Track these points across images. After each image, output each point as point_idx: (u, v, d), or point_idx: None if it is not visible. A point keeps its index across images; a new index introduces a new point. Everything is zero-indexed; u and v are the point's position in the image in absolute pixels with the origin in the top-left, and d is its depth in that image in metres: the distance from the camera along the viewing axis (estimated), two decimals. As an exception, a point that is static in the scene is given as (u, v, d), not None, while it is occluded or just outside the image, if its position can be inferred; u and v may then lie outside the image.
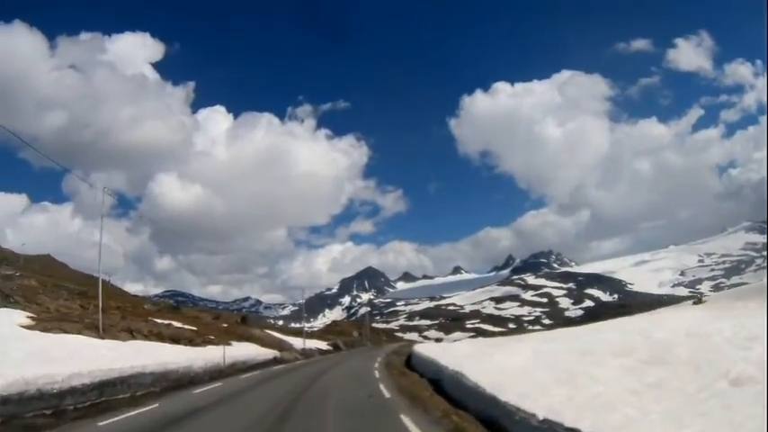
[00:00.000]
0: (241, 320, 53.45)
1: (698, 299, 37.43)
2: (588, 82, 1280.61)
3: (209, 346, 25.98)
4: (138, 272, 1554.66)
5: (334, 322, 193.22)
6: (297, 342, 54.11)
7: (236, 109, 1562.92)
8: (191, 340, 26.99)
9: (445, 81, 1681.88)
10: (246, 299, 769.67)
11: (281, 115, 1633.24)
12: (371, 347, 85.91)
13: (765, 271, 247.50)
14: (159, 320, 35.59)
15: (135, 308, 43.79)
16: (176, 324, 35.65)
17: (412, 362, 29.67)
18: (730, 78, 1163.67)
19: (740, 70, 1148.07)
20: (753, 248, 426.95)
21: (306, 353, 47.34)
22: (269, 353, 34.28)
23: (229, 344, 32.31)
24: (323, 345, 70.40)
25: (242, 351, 29.82)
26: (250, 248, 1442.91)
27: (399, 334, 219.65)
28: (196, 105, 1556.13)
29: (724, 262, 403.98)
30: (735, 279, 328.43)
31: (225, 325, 45.95)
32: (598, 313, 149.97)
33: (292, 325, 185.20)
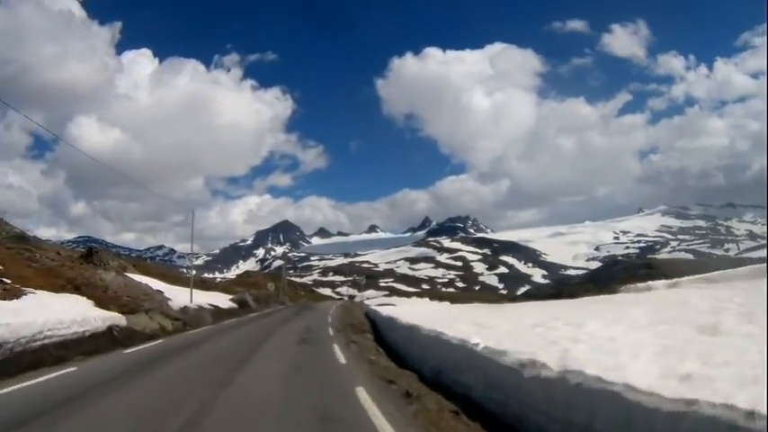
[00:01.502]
0: (85, 256, 33.90)
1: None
2: (520, 56, 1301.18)
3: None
4: (52, 216, 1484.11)
5: (247, 272, 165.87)
6: (183, 295, 36.08)
7: (162, 53, 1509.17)
8: None
9: (376, 41, 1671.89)
10: (160, 247, 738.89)
11: (207, 63, 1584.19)
12: (293, 307, 64.30)
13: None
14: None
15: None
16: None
17: (414, 357, 14.46)
18: (662, 68, 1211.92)
19: (672, 62, 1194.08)
20: (668, 231, 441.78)
21: (187, 316, 29.29)
22: (97, 318, 17.56)
23: (20, 295, 17.31)
24: (224, 299, 50.51)
25: (23, 316, 14.39)
26: (166, 196, 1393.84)
27: (317, 289, 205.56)
28: (121, 47, 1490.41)
29: (639, 241, 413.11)
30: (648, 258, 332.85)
31: (69, 264, 29.56)
32: (610, 274, 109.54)
33: (206, 275, 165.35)
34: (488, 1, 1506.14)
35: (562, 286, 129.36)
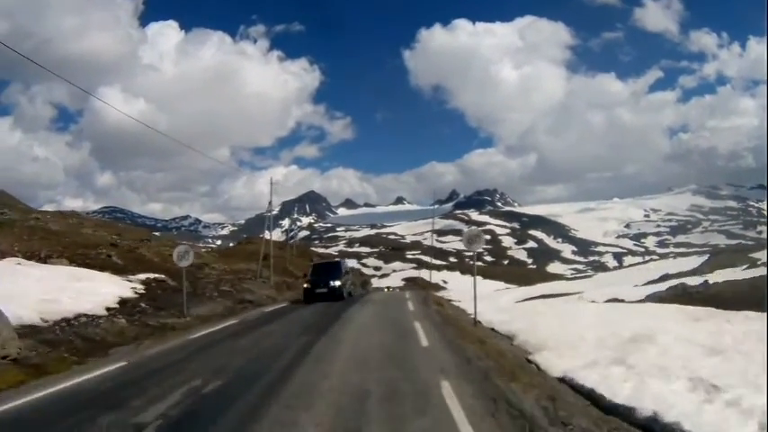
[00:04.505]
0: None
1: None
2: (550, 29, 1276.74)
3: None
4: (78, 188, 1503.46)
5: (248, 239, 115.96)
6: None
7: (186, 24, 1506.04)
8: None
9: (404, 11, 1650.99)
10: (186, 217, 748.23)
11: (233, 34, 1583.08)
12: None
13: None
14: None
15: None
16: None
17: None
18: (694, 45, 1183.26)
19: (705, 39, 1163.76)
20: (699, 211, 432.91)
21: None
22: None
23: None
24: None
25: None
26: (192, 167, 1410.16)
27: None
28: (146, 18, 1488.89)
29: (670, 220, 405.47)
30: (680, 238, 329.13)
31: None
32: None
33: (231, 245, 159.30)
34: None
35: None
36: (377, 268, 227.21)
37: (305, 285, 31.58)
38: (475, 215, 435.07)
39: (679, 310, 17.95)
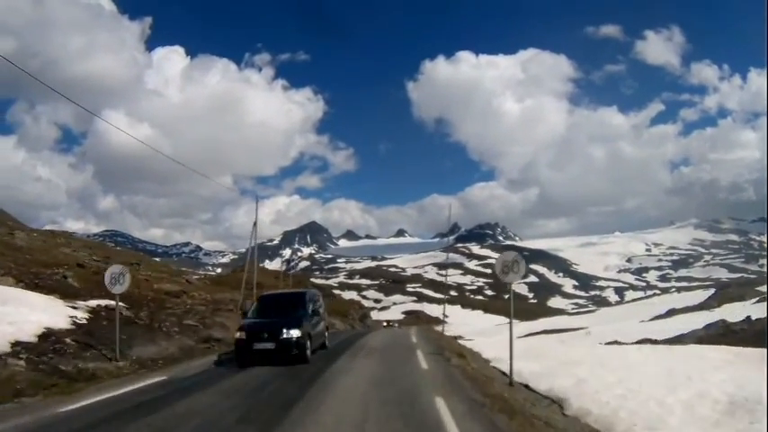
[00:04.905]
0: None
1: None
2: (553, 61, 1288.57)
3: None
4: (80, 210, 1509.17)
5: (242, 267, 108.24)
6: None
7: (192, 51, 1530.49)
8: None
9: (408, 43, 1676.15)
10: (187, 244, 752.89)
11: (238, 61, 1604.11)
12: None
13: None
14: None
15: None
16: None
17: None
18: (695, 78, 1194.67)
19: (706, 72, 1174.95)
20: (701, 245, 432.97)
21: None
22: None
23: None
24: None
25: None
26: (195, 193, 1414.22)
27: (342, 293, 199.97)
28: (152, 43, 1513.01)
29: (672, 254, 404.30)
30: (682, 272, 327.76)
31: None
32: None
33: (233, 272, 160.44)
34: (522, 5, 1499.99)
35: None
36: (377, 300, 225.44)
37: (237, 335, 17.10)
38: (476, 249, 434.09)
39: (740, 355, 14.75)
